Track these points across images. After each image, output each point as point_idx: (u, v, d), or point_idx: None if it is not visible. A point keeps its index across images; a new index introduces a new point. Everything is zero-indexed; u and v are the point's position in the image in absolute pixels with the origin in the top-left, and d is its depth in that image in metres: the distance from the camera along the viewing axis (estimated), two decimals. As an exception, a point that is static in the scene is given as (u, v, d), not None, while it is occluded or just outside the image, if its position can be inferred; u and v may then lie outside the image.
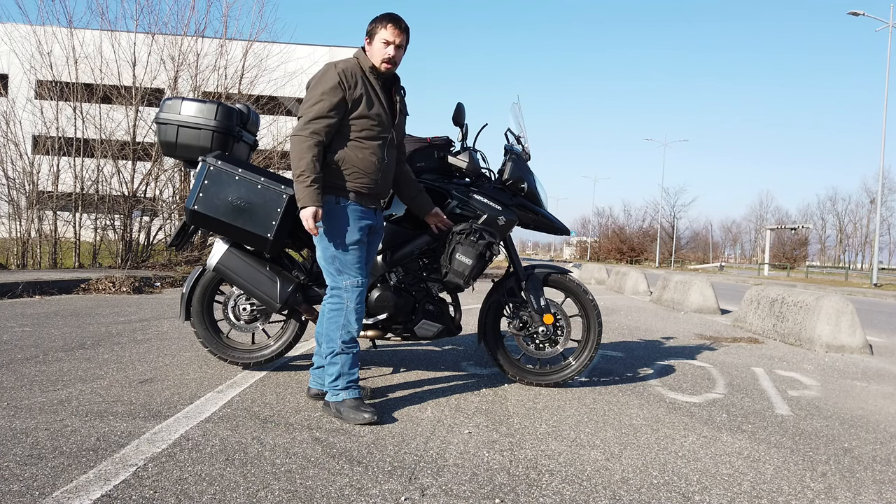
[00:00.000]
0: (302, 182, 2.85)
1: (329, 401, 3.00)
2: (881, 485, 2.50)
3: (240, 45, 13.32)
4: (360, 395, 3.03)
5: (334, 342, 3.01)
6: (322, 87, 2.91)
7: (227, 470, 2.25)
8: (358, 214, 3.01)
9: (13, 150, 10.91)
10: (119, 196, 11.68)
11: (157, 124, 3.57)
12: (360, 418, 2.89)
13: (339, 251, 2.99)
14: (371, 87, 3.01)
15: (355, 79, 2.95)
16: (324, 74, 2.94)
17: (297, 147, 2.88)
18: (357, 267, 3.03)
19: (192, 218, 3.37)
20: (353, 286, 3.02)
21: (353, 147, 2.98)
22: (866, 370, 5.18)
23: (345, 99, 2.91)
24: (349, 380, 3.00)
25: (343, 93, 2.91)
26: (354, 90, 2.93)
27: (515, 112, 3.90)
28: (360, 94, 2.95)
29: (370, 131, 3.00)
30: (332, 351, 3.01)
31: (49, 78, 11.36)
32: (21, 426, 2.60)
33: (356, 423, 2.87)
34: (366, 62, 3.01)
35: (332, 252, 2.99)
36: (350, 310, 3.02)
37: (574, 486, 2.29)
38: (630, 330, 7.01)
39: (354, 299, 3.02)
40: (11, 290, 6.98)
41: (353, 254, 3.02)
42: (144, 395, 3.18)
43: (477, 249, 3.53)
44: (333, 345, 3.01)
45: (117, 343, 4.54)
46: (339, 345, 3.00)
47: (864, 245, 74.82)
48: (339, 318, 3.01)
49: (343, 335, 3.01)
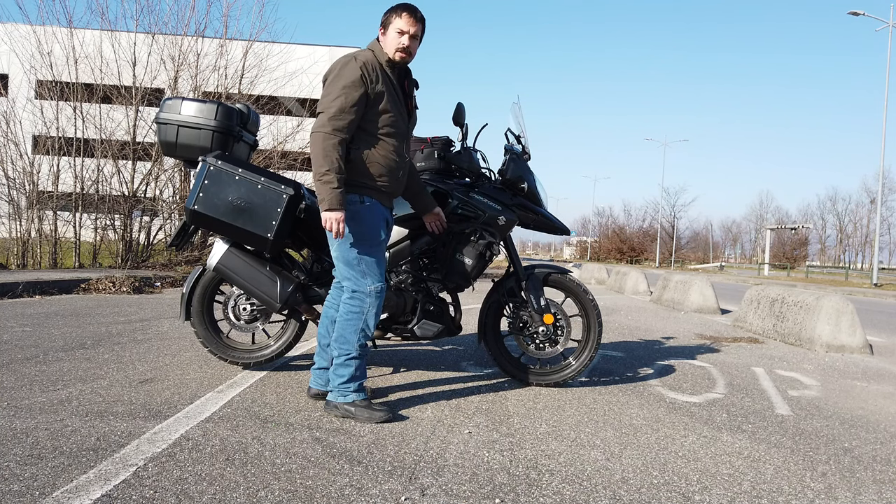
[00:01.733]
0: (328, 183, 2.74)
1: (337, 402, 2.96)
2: (881, 485, 2.50)
3: (240, 44, 13.32)
4: (367, 396, 3.01)
5: (351, 345, 2.95)
6: (343, 80, 2.80)
7: (227, 470, 2.25)
8: (381, 214, 2.96)
9: (13, 149, 10.91)
10: (119, 196, 11.69)
11: (158, 124, 3.57)
12: (376, 417, 2.88)
13: (364, 253, 2.91)
14: (390, 81, 2.93)
15: (376, 72, 2.86)
16: (344, 67, 2.83)
17: (319, 145, 2.76)
18: (381, 269, 2.98)
19: (192, 218, 3.37)
20: (376, 291, 2.96)
21: (375, 144, 2.89)
22: (866, 370, 5.18)
23: (367, 93, 2.82)
24: (361, 382, 2.99)
25: (365, 87, 2.81)
26: (376, 85, 2.84)
27: (515, 112, 3.90)
28: (381, 89, 2.86)
29: (391, 128, 2.93)
30: (349, 354, 2.95)
31: (49, 78, 11.36)
32: (21, 426, 2.60)
33: (372, 422, 2.86)
34: (382, 55, 2.93)
35: (356, 254, 2.90)
36: (371, 314, 2.97)
37: (574, 486, 2.29)
38: (630, 330, 7.01)
39: (376, 304, 2.97)
40: (12, 290, 6.98)
41: (378, 255, 2.96)
42: (144, 394, 3.18)
43: (477, 249, 3.53)
44: (350, 347, 2.95)
45: (117, 343, 4.54)
46: (357, 348, 2.95)
47: (865, 245, 74.84)
48: (359, 322, 2.95)
49: (360, 338, 2.96)
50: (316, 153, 2.78)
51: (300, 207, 3.39)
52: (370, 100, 2.85)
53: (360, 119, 2.85)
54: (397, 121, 2.95)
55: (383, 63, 2.92)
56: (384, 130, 2.92)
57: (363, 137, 2.89)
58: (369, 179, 2.91)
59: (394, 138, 2.95)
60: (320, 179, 2.77)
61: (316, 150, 2.78)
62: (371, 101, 2.85)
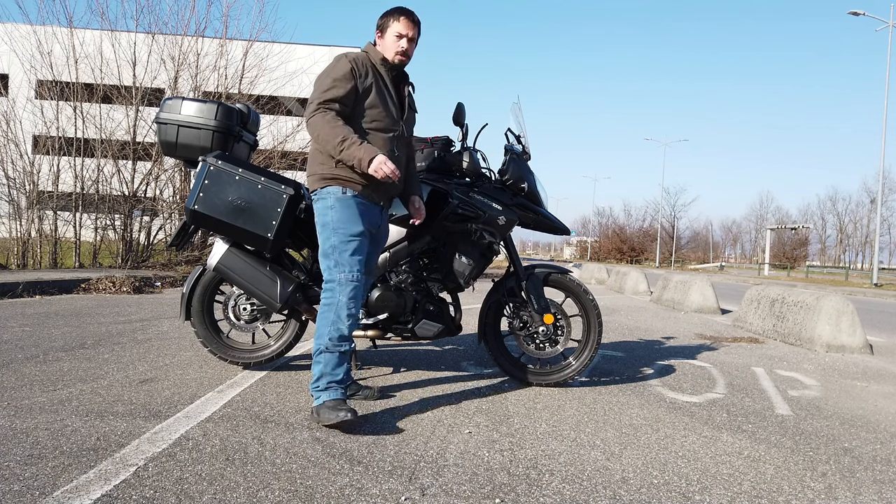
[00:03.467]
0: (352, 144, 2.78)
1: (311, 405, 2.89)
2: (881, 484, 2.50)
3: (240, 44, 13.32)
4: (342, 395, 2.85)
5: (322, 338, 2.87)
6: (333, 73, 2.87)
7: (227, 470, 2.25)
8: (363, 208, 2.96)
9: (13, 149, 10.91)
10: (119, 196, 11.69)
11: (158, 124, 3.57)
12: (336, 417, 2.70)
13: (339, 242, 2.91)
14: (381, 78, 2.99)
15: (366, 68, 2.93)
16: (335, 63, 2.92)
17: (320, 123, 2.81)
18: (355, 261, 2.91)
19: (192, 218, 3.37)
20: (346, 280, 2.89)
21: (362, 137, 2.90)
22: (867, 370, 5.18)
23: (356, 87, 2.88)
24: (331, 380, 2.84)
25: (354, 80, 2.88)
26: (365, 80, 2.91)
27: (515, 112, 3.90)
28: (370, 83, 2.93)
29: (380, 122, 2.97)
30: (318, 349, 2.87)
31: (49, 78, 11.36)
32: (21, 426, 2.60)
33: (330, 423, 2.71)
34: (376, 55, 3.00)
35: (331, 243, 2.92)
36: (341, 305, 2.87)
37: (574, 486, 2.29)
38: (630, 330, 7.01)
39: (347, 293, 2.88)
40: (12, 290, 6.98)
41: (353, 246, 2.92)
42: (145, 394, 3.18)
43: (477, 249, 3.52)
44: (321, 341, 2.87)
45: (118, 343, 4.54)
46: (326, 342, 2.86)
47: (865, 245, 74.80)
48: (330, 314, 2.88)
49: (331, 332, 2.86)
50: (322, 131, 2.81)
51: (300, 207, 3.39)
52: (359, 94, 2.91)
53: (349, 111, 2.90)
54: (385, 117, 2.99)
55: (377, 62, 2.99)
56: (373, 125, 2.96)
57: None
58: (355, 173, 2.90)
59: (381, 133, 2.99)
60: (342, 147, 2.78)
61: (320, 129, 2.81)
62: (360, 95, 2.91)
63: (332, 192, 2.92)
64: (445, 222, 3.51)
